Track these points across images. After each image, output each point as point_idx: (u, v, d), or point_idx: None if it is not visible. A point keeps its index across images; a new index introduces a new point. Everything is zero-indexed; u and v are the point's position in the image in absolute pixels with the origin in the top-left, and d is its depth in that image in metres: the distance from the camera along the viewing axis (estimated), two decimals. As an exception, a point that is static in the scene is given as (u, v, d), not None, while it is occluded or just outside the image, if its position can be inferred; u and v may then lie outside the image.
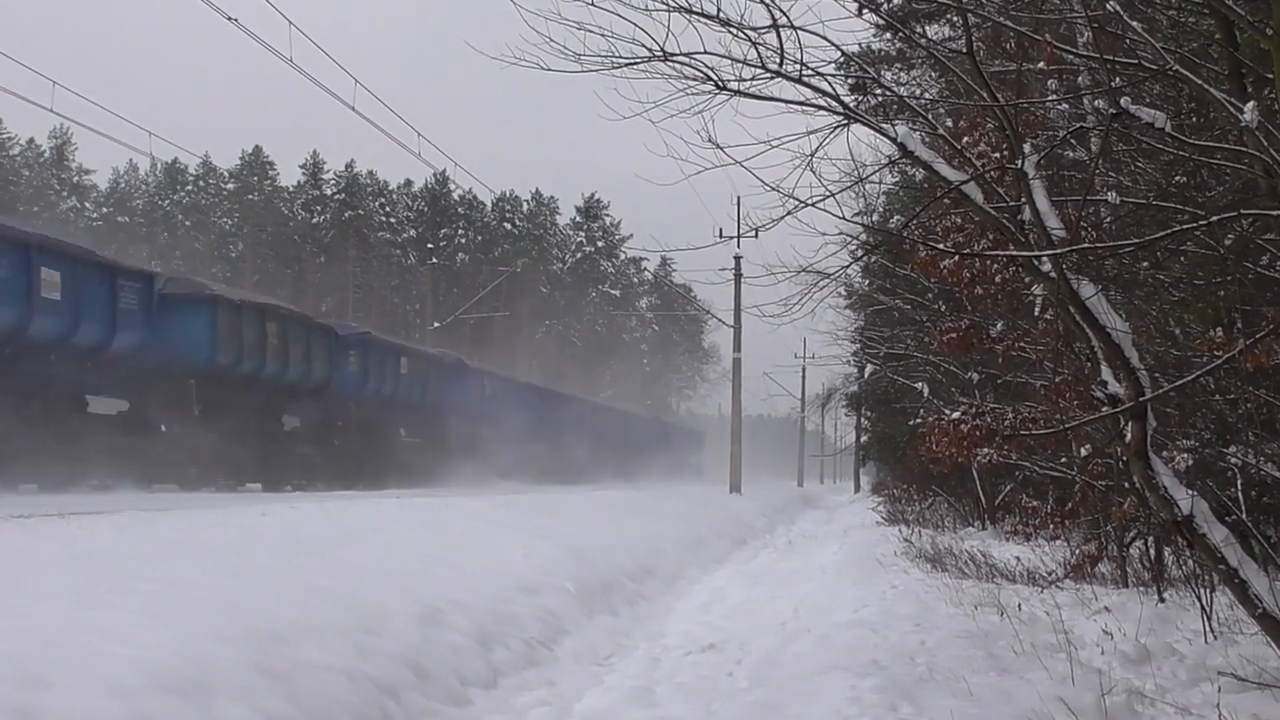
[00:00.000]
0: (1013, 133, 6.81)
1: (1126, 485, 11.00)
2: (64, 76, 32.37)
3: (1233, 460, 9.71)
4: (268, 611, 7.57)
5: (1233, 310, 9.30)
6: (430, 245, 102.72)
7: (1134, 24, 6.46)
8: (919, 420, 17.24)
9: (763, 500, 40.21)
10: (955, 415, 12.88)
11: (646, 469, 65.81)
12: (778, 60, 6.96)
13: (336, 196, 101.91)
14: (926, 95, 14.85)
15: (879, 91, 9.49)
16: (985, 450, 13.05)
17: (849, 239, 11.88)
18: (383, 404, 38.92)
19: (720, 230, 40.46)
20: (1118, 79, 6.93)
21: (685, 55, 7.08)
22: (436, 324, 63.66)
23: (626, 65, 7.20)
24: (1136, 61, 6.58)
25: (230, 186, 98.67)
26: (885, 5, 12.56)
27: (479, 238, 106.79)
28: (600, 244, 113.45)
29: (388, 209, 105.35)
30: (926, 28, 15.79)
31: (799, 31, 6.94)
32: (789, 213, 7.80)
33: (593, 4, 7.08)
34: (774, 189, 7.66)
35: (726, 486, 43.39)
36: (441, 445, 43.00)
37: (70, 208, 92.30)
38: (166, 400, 27.67)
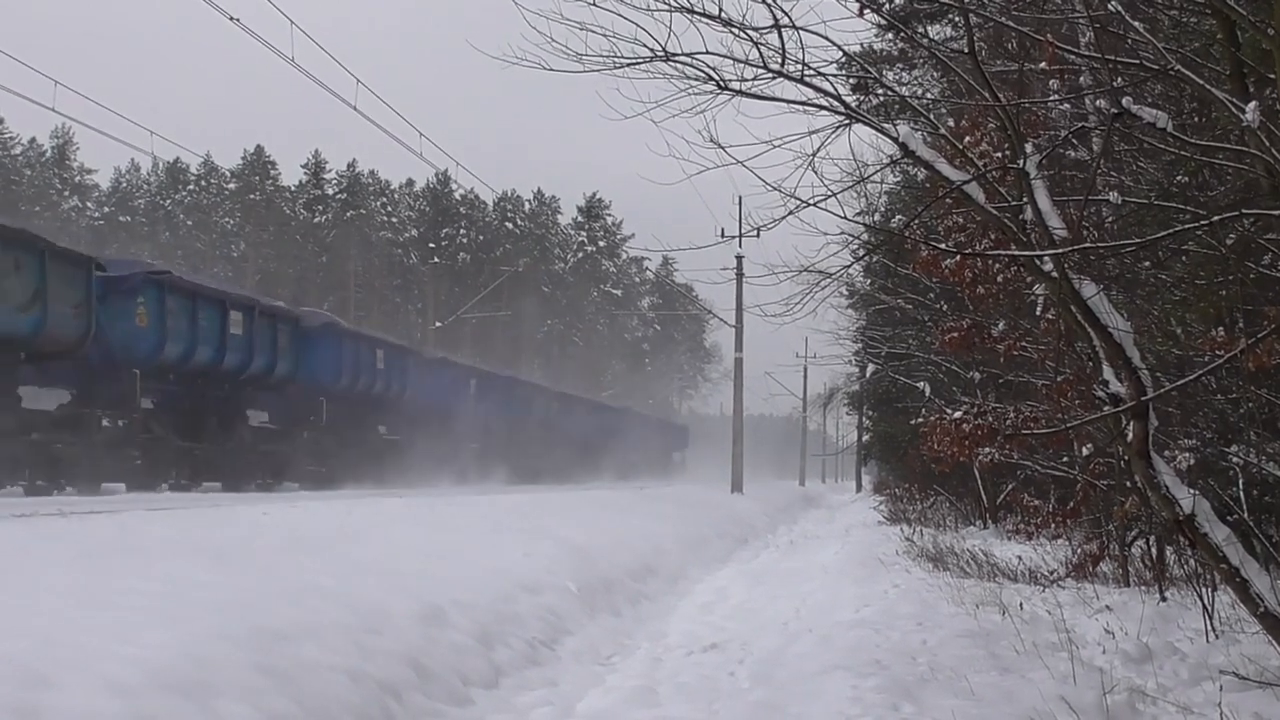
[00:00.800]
0: (1014, 132, 6.81)
1: (1128, 484, 11.01)
2: (65, 76, 32.37)
3: (1234, 459, 9.72)
4: (270, 610, 7.58)
5: (1234, 310, 9.30)
6: (432, 245, 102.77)
7: (1136, 24, 6.46)
8: (921, 420, 17.24)
9: (764, 500, 40.23)
10: (957, 414, 12.87)
11: (617, 467, 60.59)
12: (779, 60, 6.97)
13: (338, 196, 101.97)
14: (928, 95, 14.87)
15: (881, 91, 9.51)
16: (987, 449, 13.05)
17: (851, 238, 11.88)
18: (201, 375, 29.61)
19: (722, 230, 40.40)
20: (1119, 79, 6.93)
21: (687, 55, 7.09)
22: (438, 323, 63.64)
23: (628, 65, 7.21)
24: (1138, 61, 6.59)
25: (232, 186, 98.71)
26: (887, 5, 12.57)
27: (481, 237, 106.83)
28: (602, 244, 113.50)
29: (389, 209, 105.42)
30: (928, 28, 15.79)
31: (801, 31, 6.95)
32: (791, 212, 7.81)
33: (594, 4, 7.08)
34: (776, 189, 7.68)
35: (720, 486, 43.28)
36: (312, 433, 34.92)
37: (72, 207, 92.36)
38: None
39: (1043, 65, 8.11)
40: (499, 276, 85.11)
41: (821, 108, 7.25)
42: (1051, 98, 8.83)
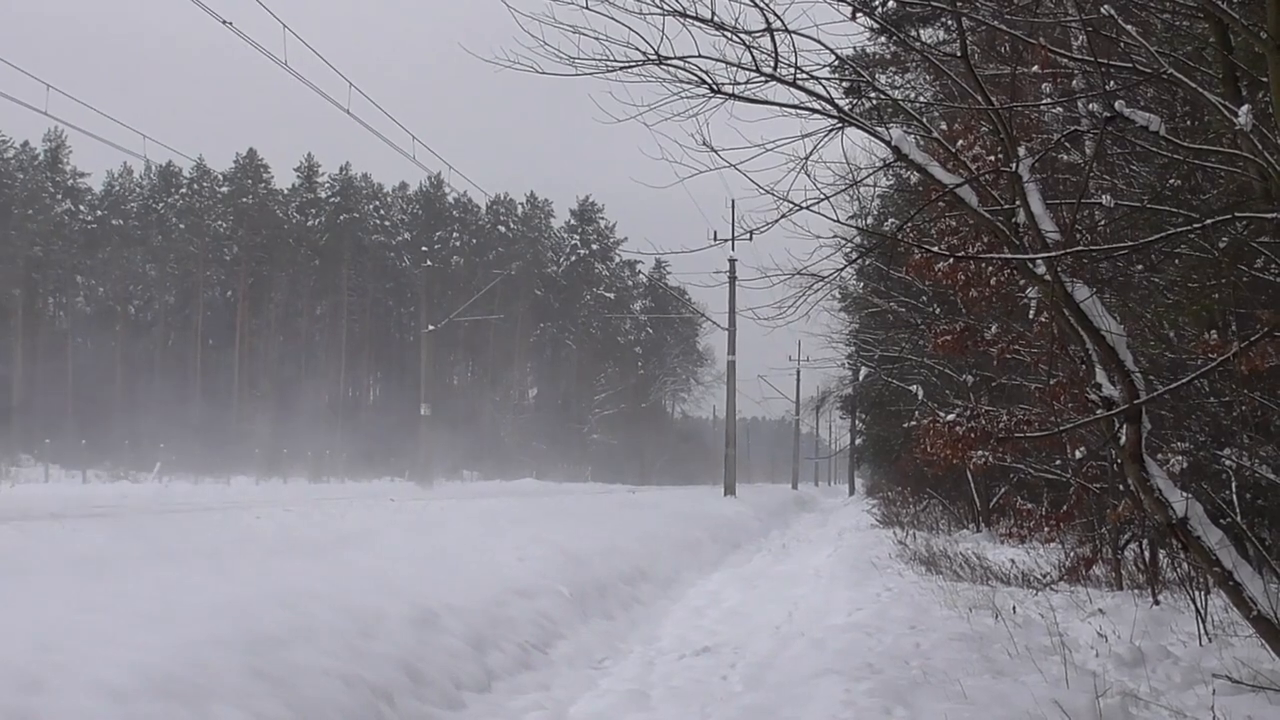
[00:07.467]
0: (1007, 136, 6.82)
1: (1121, 488, 11.03)
2: (58, 80, 32.21)
3: (1227, 463, 9.74)
4: (263, 615, 7.56)
5: (1227, 313, 9.32)
6: (425, 248, 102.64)
7: (1128, 28, 6.47)
8: (914, 423, 17.27)
9: (757, 503, 40.16)
10: (950, 417, 12.88)
11: None
12: (772, 64, 6.97)
13: (331, 200, 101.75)
14: (921, 99, 14.86)
15: (873, 95, 9.49)
16: (980, 452, 13.06)
17: (843, 241, 11.88)
18: None
19: (715, 233, 40.43)
20: (1112, 82, 6.93)
21: (679, 59, 7.08)
22: (431, 326, 63.49)
23: (621, 69, 7.21)
24: (1131, 65, 6.60)
25: (224, 190, 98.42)
26: (879, 9, 12.56)
27: (473, 240, 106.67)
28: (595, 247, 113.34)
29: (382, 212, 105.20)
30: (921, 31, 15.81)
31: (793, 35, 6.95)
32: (783, 215, 7.81)
33: (587, 7, 7.08)
34: (768, 192, 7.66)
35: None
36: None
37: (64, 210, 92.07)
38: None
39: (1035, 69, 8.13)
40: (492, 280, 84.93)
41: (814, 111, 7.25)
42: (1044, 101, 8.85)
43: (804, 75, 7.07)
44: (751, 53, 7.02)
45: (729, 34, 7.03)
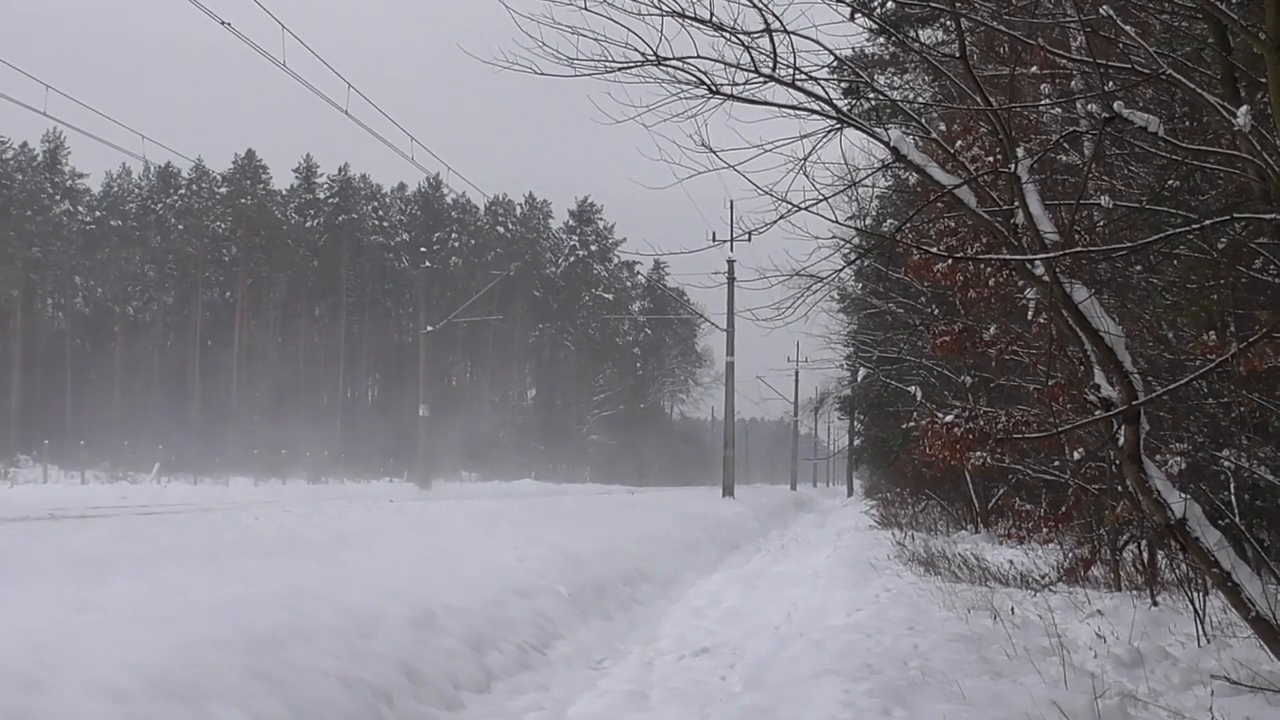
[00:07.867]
0: (1006, 136, 6.82)
1: (1119, 489, 11.03)
2: (57, 80, 32.13)
3: (1226, 464, 9.74)
4: (262, 615, 7.56)
5: (1226, 314, 9.33)
6: (423, 249, 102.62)
7: (1127, 28, 6.47)
8: (912, 424, 17.27)
9: (756, 504, 40.16)
10: (948, 418, 12.88)
11: None
12: (771, 64, 6.97)
13: (330, 200, 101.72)
14: (920, 99, 14.86)
15: (872, 95, 9.50)
16: (978, 453, 13.06)
17: (842, 243, 11.87)
18: None
19: (713, 234, 40.33)
20: (1111, 83, 6.94)
21: (678, 59, 7.09)
22: (430, 327, 63.39)
23: (619, 69, 7.21)
24: (1129, 65, 6.60)
25: (223, 190, 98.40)
26: (878, 9, 12.56)
27: (472, 241, 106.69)
28: (594, 248, 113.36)
29: (381, 212, 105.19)
30: (920, 32, 15.80)
31: (792, 36, 6.95)
32: (782, 216, 7.81)
33: (585, 8, 7.08)
34: (767, 193, 7.66)
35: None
36: None
37: (63, 211, 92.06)
38: None
39: (1034, 69, 8.14)
40: (491, 281, 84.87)
41: (813, 112, 7.25)
42: (1043, 102, 8.85)
43: (803, 76, 7.07)
44: (750, 53, 7.02)
45: (728, 35, 7.03)
